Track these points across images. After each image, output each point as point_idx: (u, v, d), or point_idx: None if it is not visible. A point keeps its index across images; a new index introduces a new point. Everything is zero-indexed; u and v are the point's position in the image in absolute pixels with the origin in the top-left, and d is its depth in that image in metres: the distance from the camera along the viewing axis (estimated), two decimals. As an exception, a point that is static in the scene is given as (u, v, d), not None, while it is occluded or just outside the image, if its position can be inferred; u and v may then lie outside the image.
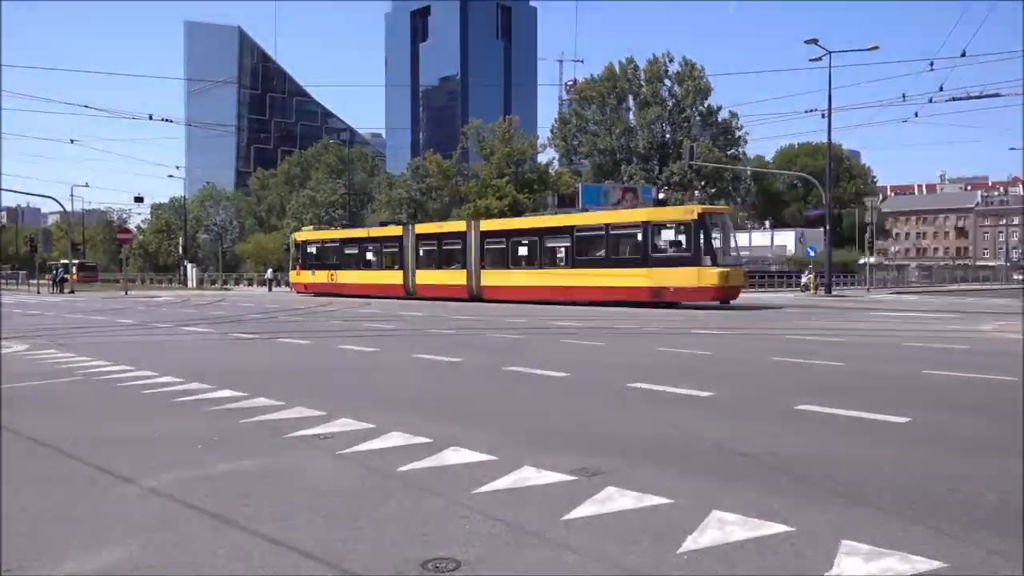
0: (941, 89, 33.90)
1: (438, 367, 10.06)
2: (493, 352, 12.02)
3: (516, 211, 60.50)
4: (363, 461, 4.93)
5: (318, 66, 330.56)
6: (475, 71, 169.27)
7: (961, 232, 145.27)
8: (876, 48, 39.50)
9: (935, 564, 3.16)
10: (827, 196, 41.30)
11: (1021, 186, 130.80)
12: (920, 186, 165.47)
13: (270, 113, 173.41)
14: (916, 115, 72.52)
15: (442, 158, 69.00)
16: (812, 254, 45.48)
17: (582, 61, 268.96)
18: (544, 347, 13.13)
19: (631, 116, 68.47)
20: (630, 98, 68.28)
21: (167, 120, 48.24)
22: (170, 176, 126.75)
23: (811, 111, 45.78)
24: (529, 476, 4.50)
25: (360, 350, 12.10)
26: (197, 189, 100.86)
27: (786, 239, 63.94)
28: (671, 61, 66.94)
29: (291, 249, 39.25)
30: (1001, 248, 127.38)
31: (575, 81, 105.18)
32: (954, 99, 30.42)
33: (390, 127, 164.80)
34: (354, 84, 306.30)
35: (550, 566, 3.22)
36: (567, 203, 62.29)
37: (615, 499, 4.04)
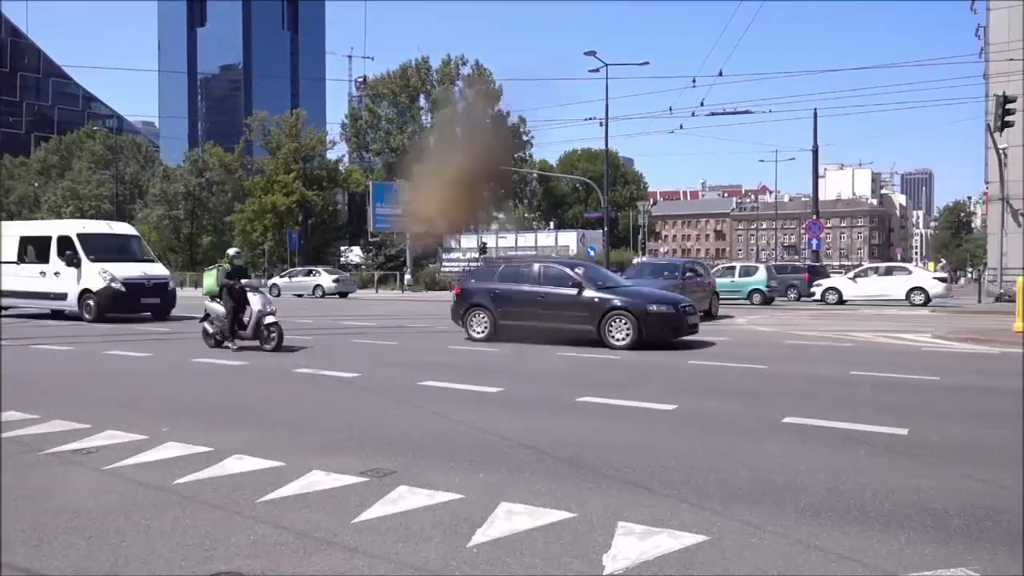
0: (702, 104, 37.42)
1: (220, 372, 9.51)
2: (281, 354, 11.55)
3: (304, 208, 58.81)
4: (133, 475, 4.55)
5: (80, 45, 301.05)
6: (259, 61, 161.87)
7: (719, 235, 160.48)
8: (647, 63, 42.53)
9: (699, 538, 3.46)
10: (605, 199, 43.91)
11: (769, 194, 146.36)
12: (685, 192, 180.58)
13: (21, 94, 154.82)
14: (681, 127, 78.71)
15: (224, 151, 65.34)
16: (592, 254, 48.12)
17: (372, 58, 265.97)
18: (335, 347, 12.84)
19: (424, 115, 68.80)
20: (422, 97, 68.60)
21: None
22: None
23: (590, 119, 48.46)
24: (318, 480, 4.38)
25: (130, 355, 11.16)
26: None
27: (569, 239, 67.05)
28: (464, 64, 68.07)
29: None
30: (753, 249, 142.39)
31: (365, 78, 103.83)
32: (713, 114, 33.47)
33: (164, 115, 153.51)
34: (122, 67, 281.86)
35: (340, 571, 3.15)
36: (358, 202, 61.52)
37: (406, 498, 4.04)
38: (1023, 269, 30.23)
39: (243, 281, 11.84)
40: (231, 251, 12.35)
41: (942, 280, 27.27)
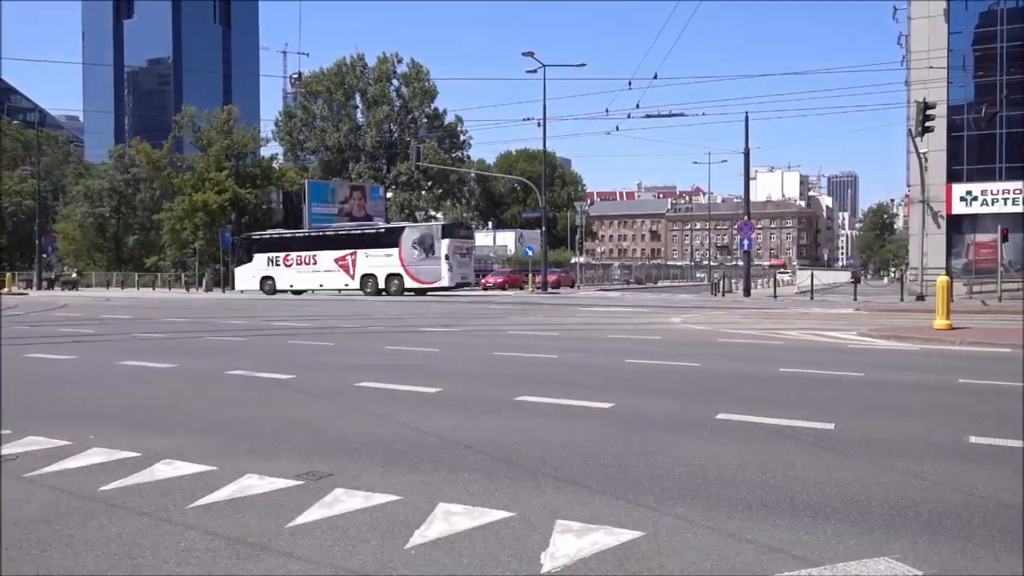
0: (638, 106, 38.34)
1: (149, 374, 9.24)
2: (213, 356, 11.30)
3: (237, 207, 57.47)
4: (56, 483, 4.38)
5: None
6: (190, 56, 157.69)
7: (655, 235, 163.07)
8: (584, 65, 43.00)
9: (635, 534, 3.51)
10: (543, 200, 44.11)
11: (702, 195, 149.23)
12: (621, 193, 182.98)
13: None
14: (617, 128, 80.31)
15: (152, 147, 63.38)
16: (530, 254, 48.33)
17: (307, 54, 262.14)
18: (269, 349, 12.61)
19: (359, 113, 68.02)
20: (358, 95, 67.83)
21: None
22: None
23: (528, 119, 48.58)
24: (252, 484, 4.29)
25: (53, 358, 10.75)
26: None
27: (507, 239, 67.36)
28: (400, 62, 67.55)
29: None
30: (687, 249, 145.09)
31: (300, 74, 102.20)
32: (648, 116, 34.12)
33: (89, 110, 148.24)
34: (44, 59, 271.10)
35: (274, 576, 3.10)
36: (294, 201, 60.43)
37: (343, 501, 3.99)
38: (943, 269, 31.56)
39: None
40: None
41: None
